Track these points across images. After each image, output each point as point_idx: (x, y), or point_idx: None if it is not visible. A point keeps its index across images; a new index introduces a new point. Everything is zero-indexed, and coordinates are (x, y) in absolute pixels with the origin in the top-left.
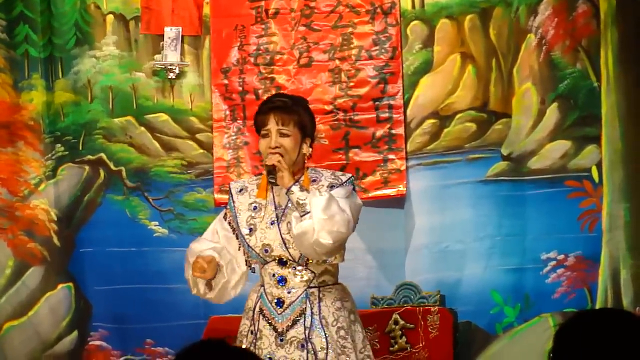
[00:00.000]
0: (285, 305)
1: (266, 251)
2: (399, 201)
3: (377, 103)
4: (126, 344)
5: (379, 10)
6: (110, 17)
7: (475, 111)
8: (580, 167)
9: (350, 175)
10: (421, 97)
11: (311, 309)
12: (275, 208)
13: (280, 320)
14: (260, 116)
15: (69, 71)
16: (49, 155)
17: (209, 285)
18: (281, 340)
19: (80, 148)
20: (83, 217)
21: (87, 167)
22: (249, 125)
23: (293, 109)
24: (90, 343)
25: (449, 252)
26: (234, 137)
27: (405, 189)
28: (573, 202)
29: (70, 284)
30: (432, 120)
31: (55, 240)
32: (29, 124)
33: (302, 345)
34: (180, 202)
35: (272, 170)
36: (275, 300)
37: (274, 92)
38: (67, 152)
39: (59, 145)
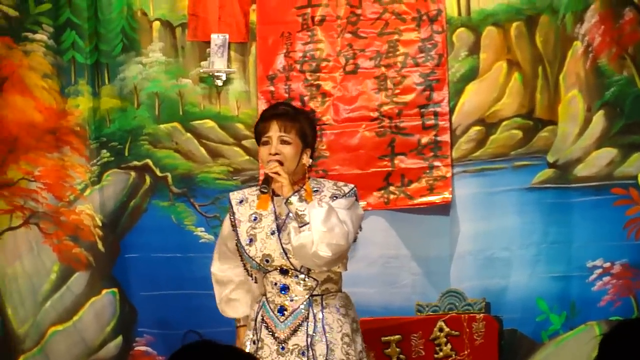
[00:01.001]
0: (287, 313)
1: (267, 261)
2: (444, 208)
3: (422, 110)
4: (171, 349)
5: (425, 17)
6: (157, 24)
7: (521, 118)
8: (626, 175)
9: (352, 186)
10: (467, 104)
11: (314, 315)
12: (276, 218)
13: (282, 328)
14: (262, 123)
15: (115, 77)
16: (95, 160)
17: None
18: (282, 349)
19: (126, 154)
20: (128, 223)
21: (132, 173)
22: None
23: (296, 117)
24: (135, 348)
25: (495, 260)
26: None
27: (450, 196)
28: (619, 210)
29: (115, 290)
30: (477, 128)
31: (100, 245)
32: (75, 130)
33: (303, 353)
34: (226, 209)
35: (267, 179)
36: (278, 308)
37: (319, 99)
38: (112, 158)
39: (104, 151)
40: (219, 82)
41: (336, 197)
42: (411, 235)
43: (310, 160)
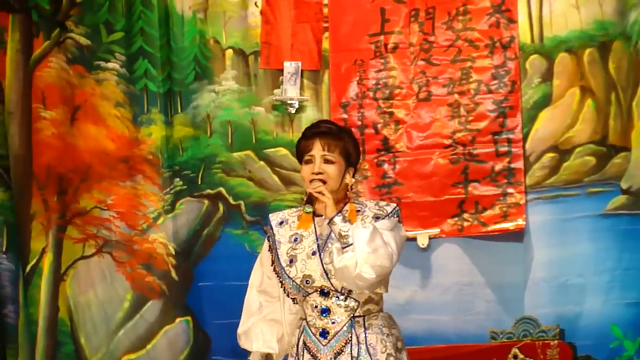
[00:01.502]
0: (330, 336)
1: (307, 282)
2: (518, 235)
3: (496, 137)
4: None
5: (498, 44)
6: (229, 52)
7: (595, 145)
8: None
9: (395, 205)
10: (540, 131)
11: (357, 337)
12: (317, 239)
13: (325, 352)
14: (304, 141)
15: (188, 106)
16: (168, 189)
17: None
18: None
19: (199, 182)
20: (202, 251)
21: (206, 201)
22: (369, 159)
23: (339, 136)
24: None
25: (569, 286)
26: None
27: (524, 222)
28: None
29: (189, 318)
30: (551, 154)
31: (174, 274)
32: (147, 158)
33: None
34: None
35: (310, 199)
36: (320, 332)
37: (392, 126)
38: (185, 187)
39: (177, 179)
40: (292, 110)
41: (379, 218)
42: (485, 262)
43: (353, 180)
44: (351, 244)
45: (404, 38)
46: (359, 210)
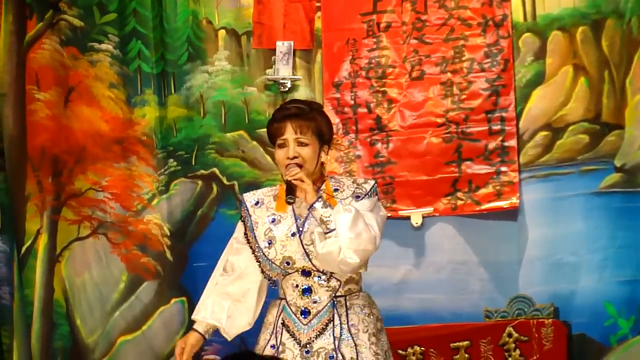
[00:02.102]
0: (311, 316)
1: (287, 263)
2: (511, 213)
3: (489, 115)
4: None
5: (490, 22)
6: (222, 32)
7: (588, 123)
8: None
9: (373, 182)
10: (533, 109)
11: (339, 317)
12: (295, 220)
13: (305, 331)
14: (275, 124)
15: (182, 86)
16: (162, 170)
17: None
18: (307, 352)
19: (193, 163)
20: (196, 232)
21: (199, 182)
22: (362, 139)
23: (310, 116)
24: (204, 357)
25: (563, 264)
26: (346, 151)
27: (518, 201)
28: None
29: (184, 298)
30: (544, 133)
31: (168, 254)
32: (141, 139)
33: (331, 357)
34: None
35: (291, 187)
36: (301, 311)
37: (385, 105)
38: (179, 167)
39: (171, 160)
40: (284, 90)
41: (359, 197)
42: (479, 241)
43: (328, 157)
44: (333, 230)
45: (397, 17)
46: (337, 189)
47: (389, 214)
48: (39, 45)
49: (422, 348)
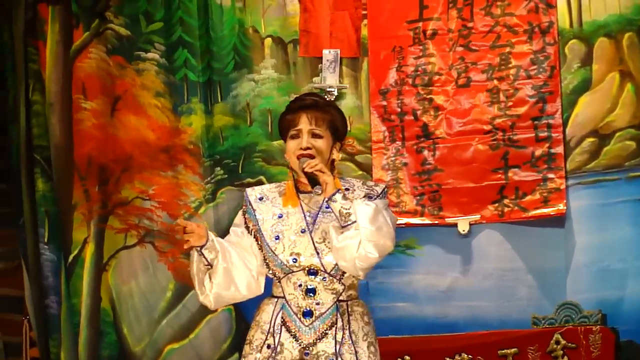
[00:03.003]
0: (313, 317)
1: (295, 260)
2: (559, 220)
3: (536, 122)
4: None
5: (536, 29)
6: (268, 41)
7: (635, 129)
8: None
9: (384, 185)
10: (580, 116)
11: (342, 322)
12: (305, 216)
13: (307, 333)
14: (289, 115)
15: (228, 95)
16: (209, 178)
17: (209, 275)
18: (306, 354)
19: (240, 171)
20: None
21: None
22: (409, 146)
23: (326, 109)
24: None
25: (610, 271)
26: (393, 158)
27: (565, 207)
28: None
29: (231, 307)
30: (591, 139)
31: None
32: (188, 148)
33: None
34: None
35: (314, 179)
36: (303, 312)
37: (432, 112)
38: (226, 175)
39: (218, 168)
40: (331, 98)
41: (370, 197)
42: (526, 248)
43: (340, 156)
44: (353, 222)
45: (443, 24)
46: (347, 189)
47: (436, 221)
48: (86, 55)
49: (470, 356)
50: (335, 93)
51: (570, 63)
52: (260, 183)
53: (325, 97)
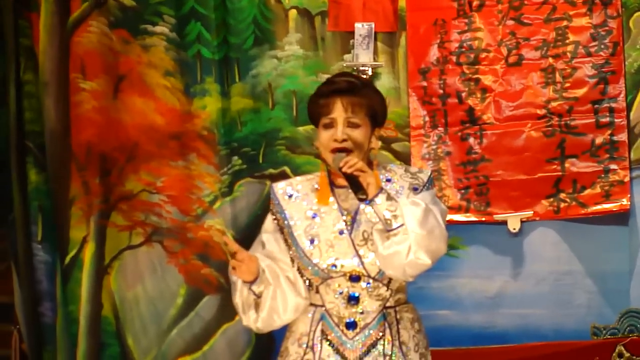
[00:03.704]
0: (358, 329)
1: (334, 267)
2: (622, 217)
3: (596, 106)
4: None
5: (597, 0)
6: (293, 13)
7: None
8: None
9: (429, 171)
10: None
11: (390, 332)
12: (342, 215)
13: (352, 347)
14: (321, 100)
15: (247, 74)
16: (225, 169)
17: (256, 303)
18: None
19: (261, 161)
20: None
21: (268, 182)
22: (452, 133)
23: (363, 92)
24: None
25: None
26: (434, 147)
27: (629, 203)
28: None
29: None
30: None
31: None
32: (202, 134)
33: None
34: None
35: (355, 181)
36: (346, 322)
37: (478, 95)
38: (245, 166)
39: (236, 157)
40: (365, 77)
41: (416, 189)
42: (585, 249)
43: (379, 143)
44: (401, 225)
45: None
46: (389, 180)
47: (483, 218)
48: (85, 28)
49: None
50: (369, 72)
51: (635, 39)
52: (284, 174)
53: (361, 75)
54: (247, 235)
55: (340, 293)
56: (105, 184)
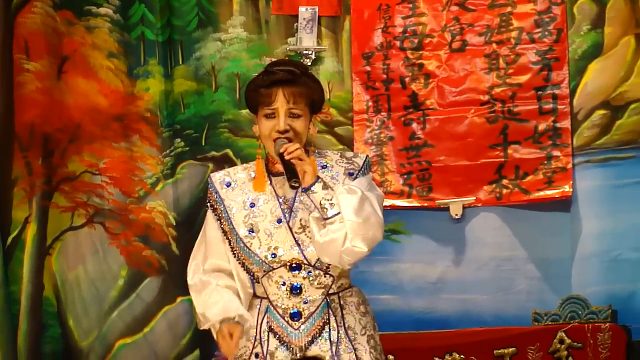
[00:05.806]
0: (303, 318)
1: (274, 255)
2: (564, 203)
3: (539, 92)
4: None
5: None
6: None
7: None
8: None
9: (365, 156)
10: (590, 85)
11: (335, 319)
12: (280, 203)
13: (298, 337)
14: (262, 90)
15: (190, 56)
16: (167, 151)
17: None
18: None
19: (203, 143)
20: None
21: (210, 165)
22: (395, 118)
23: (302, 81)
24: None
25: (622, 262)
26: (377, 131)
27: (571, 189)
28: None
29: (191, 297)
30: (602, 112)
31: (174, 247)
32: (144, 116)
33: None
34: None
35: (292, 168)
36: (290, 313)
37: (422, 80)
38: (187, 148)
39: (178, 140)
40: (308, 62)
41: (351, 174)
42: (527, 235)
43: (316, 129)
44: (337, 214)
45: None
46: (325, 166)
47: (425, 204)
48: (29, 9)
49: (462, 355)
50: (313, 56)
51: (579, 25)
52: (226, 157)
53: (302, 60)
54: (189, 217)
55: (283, 284)
56: (48, 165)
